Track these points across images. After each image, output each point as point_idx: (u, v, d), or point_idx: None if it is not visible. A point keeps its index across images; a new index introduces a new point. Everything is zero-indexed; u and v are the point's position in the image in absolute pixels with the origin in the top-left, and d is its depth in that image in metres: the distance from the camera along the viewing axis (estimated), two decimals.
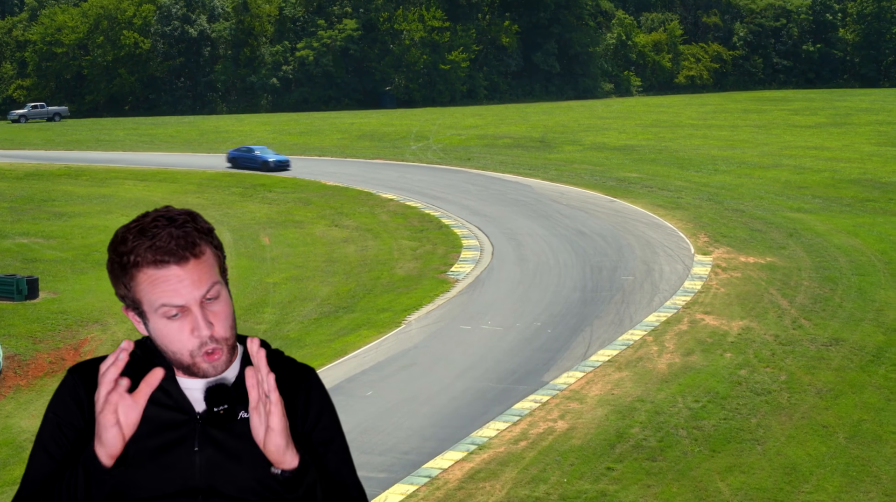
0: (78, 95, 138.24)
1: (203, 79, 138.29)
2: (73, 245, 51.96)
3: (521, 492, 28.19)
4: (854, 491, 28.37)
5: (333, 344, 39.37)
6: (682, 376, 34.76)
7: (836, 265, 46.03)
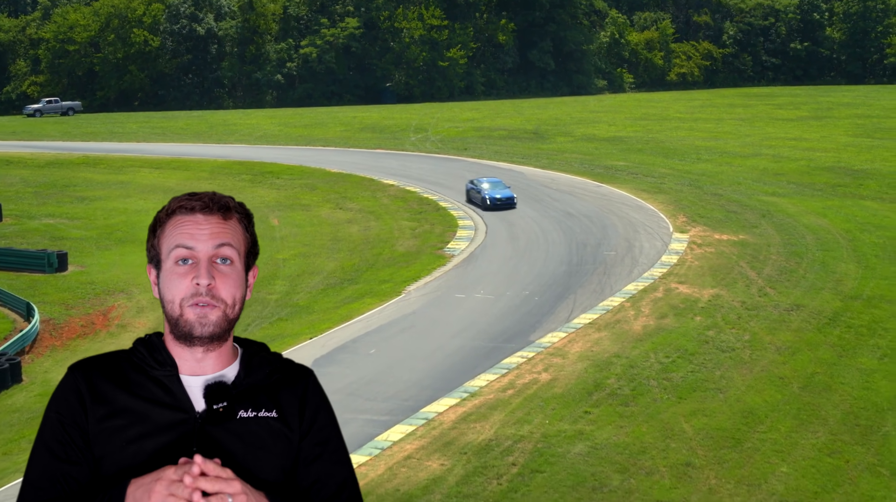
0: (89, 91, 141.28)
1: (210, 75, 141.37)
2: (96, 225, 55.01)
3: (508, 431, 31.38)
4: (803, 431, 31.56)
5: (339, 310, 42.52)
6: (655, 336, 37.94)
7: (803, 242, 49.16)
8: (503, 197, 55.30)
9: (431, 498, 28.25)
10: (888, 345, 37.46)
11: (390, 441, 31.07)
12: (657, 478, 29.03)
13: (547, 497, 28.22)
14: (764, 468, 29.77)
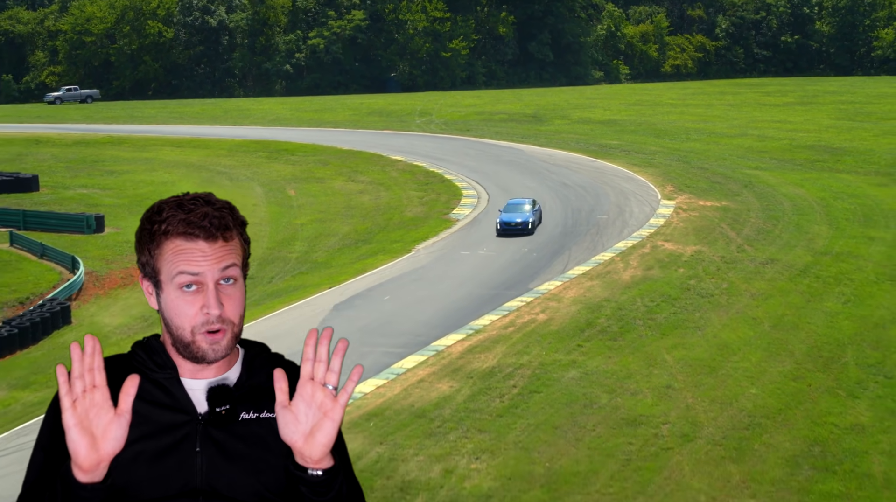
0: (105, 81, 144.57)
1: (222, 65, 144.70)
2: (126, 194, 58.38)
3: (509, 360, 34.81)
4: (772, 361, 34.98)
5: (355, 265, 45.91)
6: (642, 284, 41.35)
7: (781, 208, 52.52)
8: (521, 221, 47.19)
9: (442, 412, 31.68)
10: (852, 292, 40.83)
11: (405, 368, 34.50)
12: (641, 398, 32.44)
13: (544, 412, 31.65)
14: (735, 390, 33.17)
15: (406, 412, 31.81)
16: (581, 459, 29.36)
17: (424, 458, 29.36)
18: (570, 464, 29.09)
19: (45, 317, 39.15)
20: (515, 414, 31.49)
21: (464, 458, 29.37)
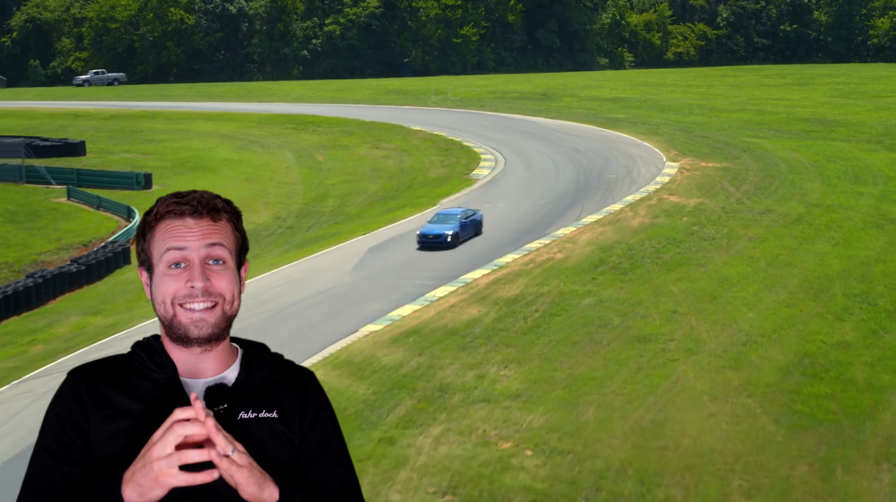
0: (129, 66, 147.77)
1: (241, 51, 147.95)
2: (167, 158, 61.64)
3: (531, 290, 38.08)
4: (767, 292, 38.23)
5: (385, 216, 49.18)
6: (650, 229, 44.59)
7: (777, 169, 55.70)
8: (438, 234, 41.70)
9: (473, 330, 34.99)
10: (841, 236, 44.05)
11: (437, 296, 37.81)
12: (649, 320, 35.71)
13: (563, 331, 34.94)
14: (734, 314, 36.43)
15: (440, 330, 35.12)
16: (597, 367, 32.66)
17: (459, 366, 32.67)
18: (587, 371, 32.39)
19: (108, 256, 42.49)
20: (538, 333, 34.79)
21: (493, 367, 32.67)
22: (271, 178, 58.30)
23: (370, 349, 34.15)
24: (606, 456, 27.67)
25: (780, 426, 29.33)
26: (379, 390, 31.33)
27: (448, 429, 29.02)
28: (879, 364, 32.95)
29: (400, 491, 26.04)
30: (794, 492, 26.14)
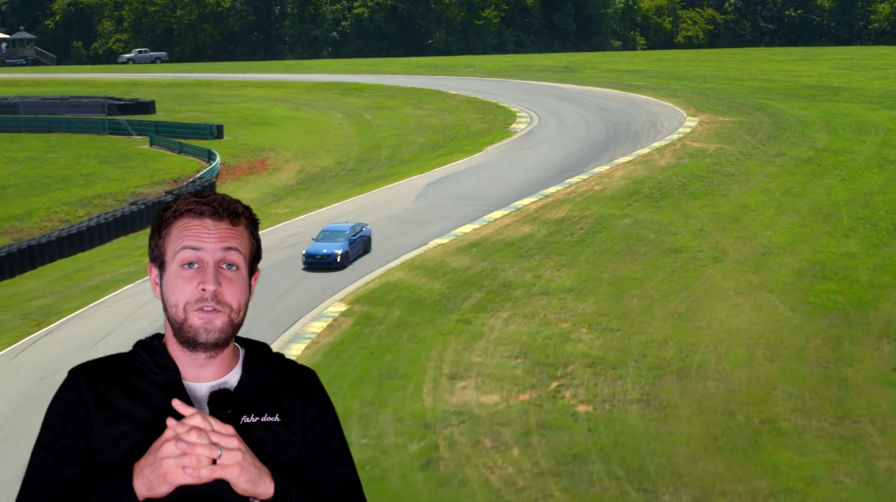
0: (167, 47, 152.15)
1: (274, 33, 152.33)
2: (230, 116, 66.05)
3: (574, 213, 42.48)
4: (782, 216, 42.57)
5: (436, 160, 53.60)
6: (676, 168, 48.95)
7: (788, 122, 59.95)
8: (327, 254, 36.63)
9: (527, 243, 39.44)
10: (847, 173, 48.34)
11: (493, 218, 42.24)
12: (680, 236, 40.11)
13: (605, 243, 39.38)
14: (754, 232, 40.81)
15: (499, 243, 39.58)
16: (637, 270, 37.11)
17: (518, 269, 37.15)
18: (629, 273, 36.86)
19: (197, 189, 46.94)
20: (584, 245, 39.24)
21: (548, 270, 37.14)
22: (327, 132, 62.68)
23: (440, 256, 38.61)
24: (649, 332, 32.15)
25: (795, 313, 33.79)
26: (452, 286, 35.81)
27: (514, 314, 33.52)
28: (881, 268, 37.35)
29: (479, 355, 30.56)
30: (808, 358, 30.60)
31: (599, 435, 26.00)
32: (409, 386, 28.57)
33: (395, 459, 24.64)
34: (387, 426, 26.29)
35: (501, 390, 28.37)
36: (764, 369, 29.94)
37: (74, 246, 41.13)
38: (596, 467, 24.40)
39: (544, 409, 27.35)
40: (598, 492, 23.23)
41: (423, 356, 30.39)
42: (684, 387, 28.68)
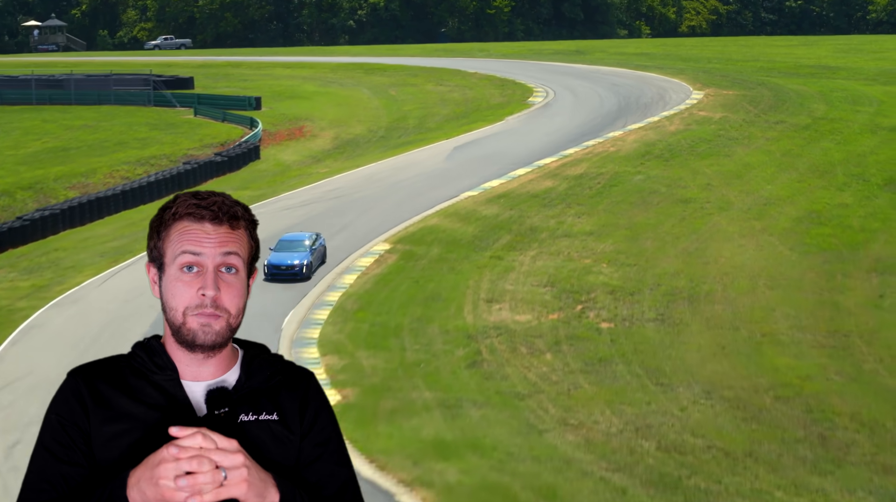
0: (189, 35, 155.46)
1: (292, 21, 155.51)
2: (265, 91, 69.22)
3: (592, 170, 45.70)
4: (781, 173, 45.75)
5: (460, 129, 56.81)
6: (684, 132, 52.12)
7: (788, 95, 63.04)
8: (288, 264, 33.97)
9: (550, 195, 42.67)
10: (842, 138, 51.48)
11: (517, 174, 45.47)
12: (689, 189, 43.30)
13: (621, 195, 42.61)
14: (756, 187, 44.00)
15: (524, 195, 42.84)
16: (650, 217, 40.35)
17: (542, 216, 40.40)
18: (643, 220, 40.09)
19: (242, 151, 50.35)
20: (601, 196, 42.48)
21: (570, 217, 40.39)
22: (357, 105, 65.88)
23: (471, 206, 41.87)
24: (663, 267, 35.42)
25: (794, 251, 37.04)
26: (483, 230, 39.07)
27: (541, 252, 36.80)
28: (871, 216, 40.56)
29: (512, 284, 33.84)
30: (804, 287, 33.86)
31: (621, 345, 29.26)
32: (452, 307, 31.83)
33: (445, 361, 27.91)
34: (435, 337, 29.57)
35: (533, 311, 31.63)
36: (765, 296, 33.18)
37: (136, 199, 44.46)
38: (619, 368, 27.66)
39: (571, 326, 30.61)
40: (621, 386, 26.48)
41: (462, 284, 33.66)
42: (694, 309, 31.93)
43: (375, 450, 21.84)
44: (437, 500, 19.54)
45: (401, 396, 25.11)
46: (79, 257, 36.92)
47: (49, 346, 28.27)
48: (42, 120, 58.88)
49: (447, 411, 24.39)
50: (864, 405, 25.49)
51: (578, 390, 26.13)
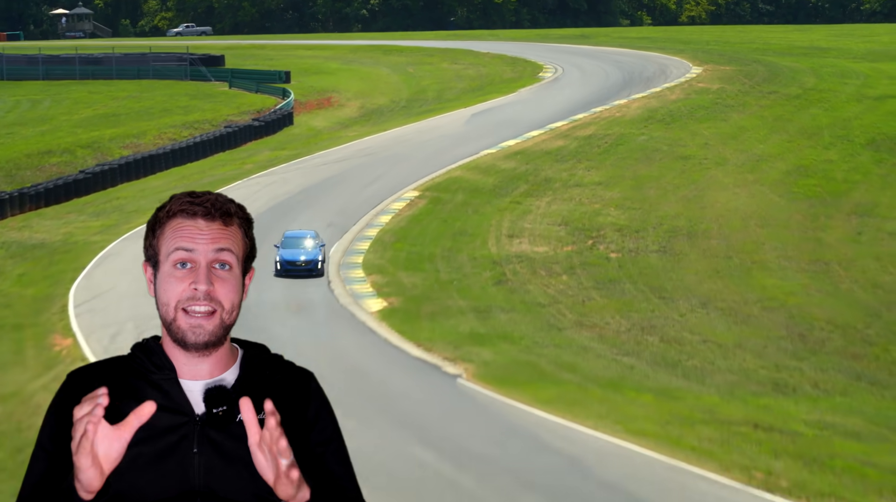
0: (208, 24, 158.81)
1: (307, 10, 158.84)
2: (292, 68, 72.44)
3: (600, 132, 49.08)
4: (773, 135, 49.14)
5: (479, 98, 60.17)
6: (684, 100, 55.48)
7: (781, 70, 66.31)
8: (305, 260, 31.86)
9: (561, 152, 46.09)
10: (829, 105, 54.77)
11: (532, 135, 48.88)
12: (688, 148, 46.69)
13: (626, 152, 46.03)
14: (750, 146, 47.40)
15: (538, 152, 46.27)
16: (653, 171, 43.77)
17: (555, 170, 43.82)
18: (646, 172, 43.51)
19: (277, 118, 53.86)
20: (608, 154, 45.89)
21: (580, 170, 43.81)
22: (378, 80, 69.25)
23: (490, 161, 45.31)
24: (664, 210, 38.85)
25: (782, 198, 40.47)
26: (502, 181, 42.51)
27: (555, 198, 40.25)
28: (853, 170, 44.00)
29: (530, 223, 37.29)
30: (791, 226, 37.30)
31: (628, 269, 32.73)
32: (477, 241, 35.31)
33: (474, 279, 31.39)
34: (464, 263, 33.04)
35: (549, 244, 35.10)
36: (756, 233, 36.63)
37: (184, 157, 47.93)
38: (626, 286, 31.12)
39: (584, 256, 34.08)
40: (628, 299, 29.94)
41: (486, 223, 37.12)
42: (693, 243, 35.39)
43: (422, 338, 25.30)
44: (477, 370, 22.97)
45: (439, 303, 28.59)
46: (139, 203, 40.39)
47: (125, 269, 31.70)
48: (88, 91, 62.40)
49: (479, 314, 27.86)
50: (839, 313, 28.93)
51: (591, 302, 29.59)
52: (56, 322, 26.56)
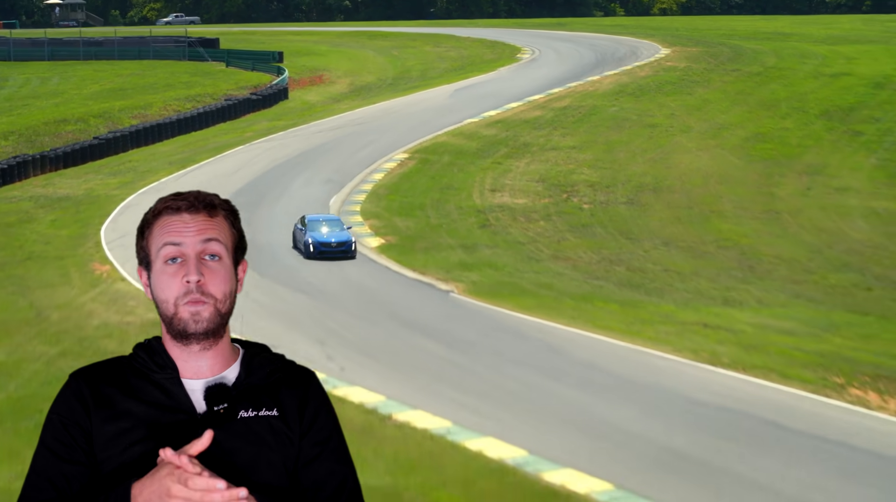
0: (195, 14, 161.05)
1: (292, 1, 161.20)
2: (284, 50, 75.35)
3: (574, 104, 52.19)
4: (735, 107, 52.35)
5: (459, 76, 63.17)
6: (653, 77, 58.69)
7: (744, 52, 69.61)
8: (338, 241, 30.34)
9: (539, 121, 49.19)
10: (788, 82, 58.07)
11: (511, 106, 51.95)
12: (656, 118, 49.88)
13: (599, 121, 49.17)
14: (713, 116, 50.61)
15: (518, 120, 49.34)
16: (623, 137, 46.94)
17: (533, 136, 46.93)
18: (616, 138, 46.68)
19: (273, 92, 56.72)
20: (582, 122, 49.03)
21: (556, 136, 46.94)
22: (365, 61, 72.12)
23: (473, 128, 48.36)
24: (633, 169, 42.04)
25: (740, 160, 43.73)
26: (484, 145, 45.58)
27: (533, 160, 43.37)
28: (807, 137, 47.33)
29: (510, 180, 40.39)
30: (747, 183, 40.53)
31: (599, 217, 35.89)
32: (463, 194, 38.38)
33: (461, 224, 34.47)
34: (451, 211, 36.11)
35: (528, 197, 38.21)
36: (715, 188, 39.86)
37: (188, 126, 50.75)
38: (597, 230, 34.28)
39: (559, 206, 37.21)
40: (599, 240, 33.09)
41: (470, 179, 40.20)
42: (657, 196, 38.58)
43: (417, 265, 28.40)
44: (466, 288, 26.08)
45: (430, 241, 31.68)
46: (152, 165, 43.25)
47: None
48: (93, 70, 65.10)
49: (466, 250, 30.96)
50: (785, 250, 32.19)
51: (566, 241, 32.74)
52: (93, 253, 29.49)
